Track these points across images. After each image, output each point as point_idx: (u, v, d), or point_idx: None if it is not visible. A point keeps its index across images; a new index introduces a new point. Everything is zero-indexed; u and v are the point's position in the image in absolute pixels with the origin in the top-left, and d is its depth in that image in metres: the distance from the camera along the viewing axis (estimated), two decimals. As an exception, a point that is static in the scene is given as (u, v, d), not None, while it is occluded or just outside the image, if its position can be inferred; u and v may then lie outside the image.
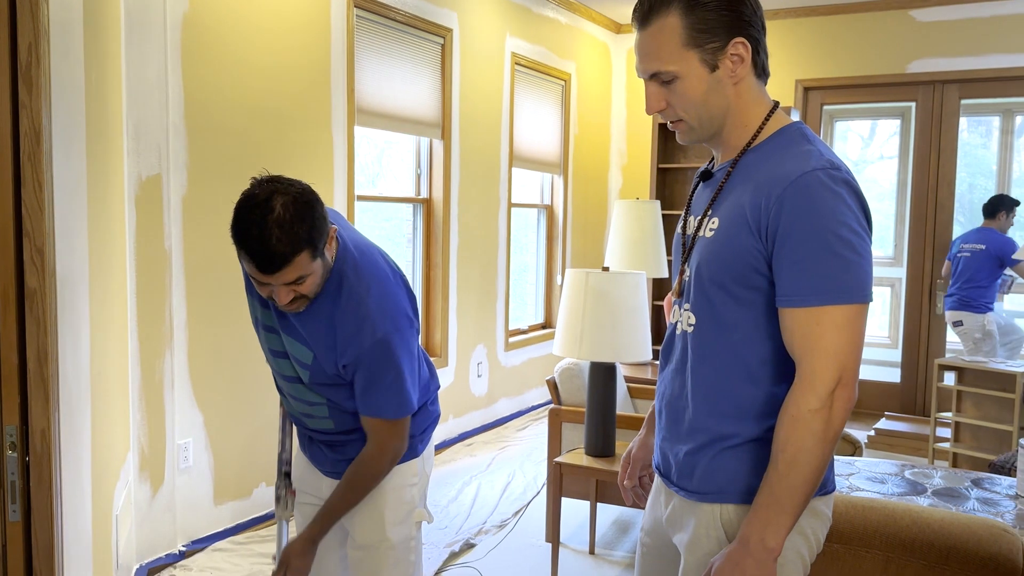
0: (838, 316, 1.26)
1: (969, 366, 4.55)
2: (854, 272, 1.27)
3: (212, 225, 3.47)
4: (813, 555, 1.42)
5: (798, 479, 1.27)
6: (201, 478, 3.49)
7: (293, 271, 1.60)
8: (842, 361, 1.27)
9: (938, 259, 6.04)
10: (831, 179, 1.28)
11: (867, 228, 1.31)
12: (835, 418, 1.27)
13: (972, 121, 7.25)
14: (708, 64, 1.35)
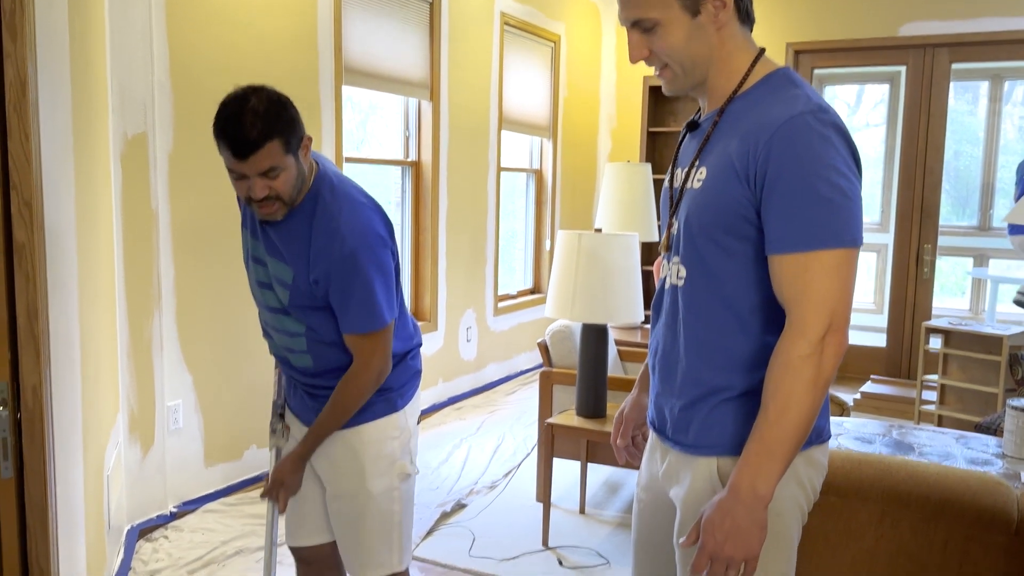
0: (828, 261, 1.25)
1: (955, 329, 4.58)
2: (843, 216, 1.25)
3: (199, 185, 3.42)
4: (810, 504, 1.43)
5: (789, 426, 1.26)
6: (191, 440, 3.48)
7: (266, 158, 1.67)
8: (832, 306, 1.26)
9: (926, 224, 6.06)
10: (819, 122, 1.26)
11: (856, 171, 1.30)
12: (826, 364, 1.26)
13: (959, 88, 7.24)
14: (689, 9, 1.33)
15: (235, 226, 3.58)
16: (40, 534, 1.80)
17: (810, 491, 1.42)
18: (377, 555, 1.93)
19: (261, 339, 3.76)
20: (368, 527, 1.92)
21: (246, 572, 2.98)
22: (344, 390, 1.84)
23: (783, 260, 1.28)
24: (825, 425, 1.43)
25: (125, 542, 3.10)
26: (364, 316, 1.80)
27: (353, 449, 1.91)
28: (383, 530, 1.93)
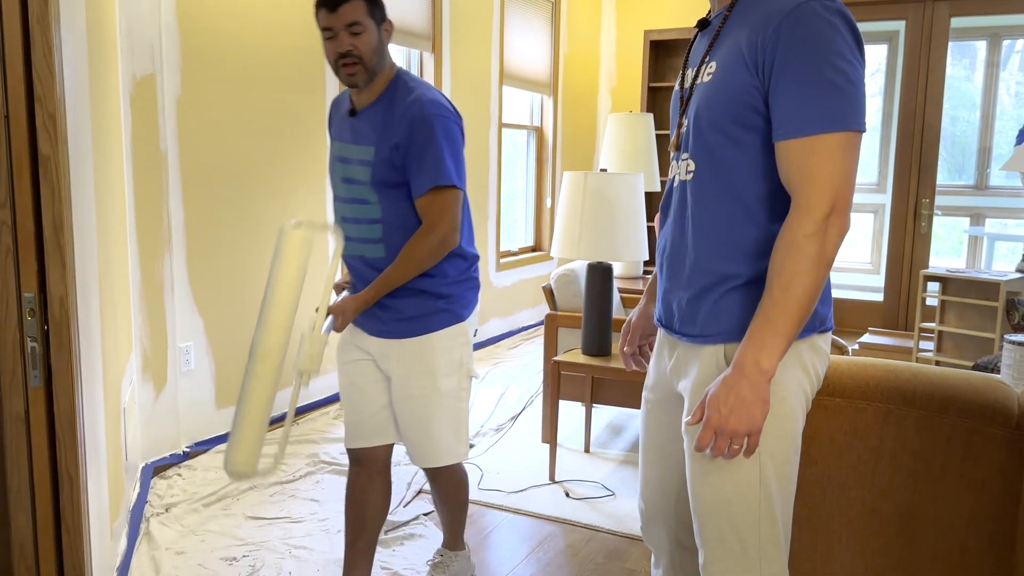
0: (833, 144, 1.29)
1: (953, 276, 4.64)
2: (849, 100, 1.29)
3: (207, 127, 3.44)
4: (814, 389, 1.48)
5: (792, 302, 1.30)
6: (203, 382, 3.53)
7: (351, 12, 1.93)
8: (836, 188, 1.30)
9: (924, 179, 6.10)
10: (825, 9, 1.30)
11: (860, 57, 1.33)
12: (829, 243, 1.30)
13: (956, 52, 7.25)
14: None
15: (244, 170, 3.61)
16: (69, 441, 1.85)
17: (814, 377, 1.47)
18: (447, 446, 2.16)
19: (269, 285, 3.80)
20: (440, 422, 2.13)
21: (259, 505, 3.05)
22: (412, 247, 2.01)
23: (790, 145, 1.32)
24: (828, 313, 1.47)
25: (141, 478, 3.16)
26: (434, 172, 1.98)
27: (426, 354, 2.10)
28: (452, 424, 2.15)
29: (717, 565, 1.44)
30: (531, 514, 3.02)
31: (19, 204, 1.75)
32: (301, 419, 3.99)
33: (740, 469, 1.40)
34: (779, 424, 1.42)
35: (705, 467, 1.43)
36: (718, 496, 1.41)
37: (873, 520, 1.82)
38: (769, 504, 1.41)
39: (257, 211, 3.70)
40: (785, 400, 1.42)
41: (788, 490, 1.45)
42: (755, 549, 1.41)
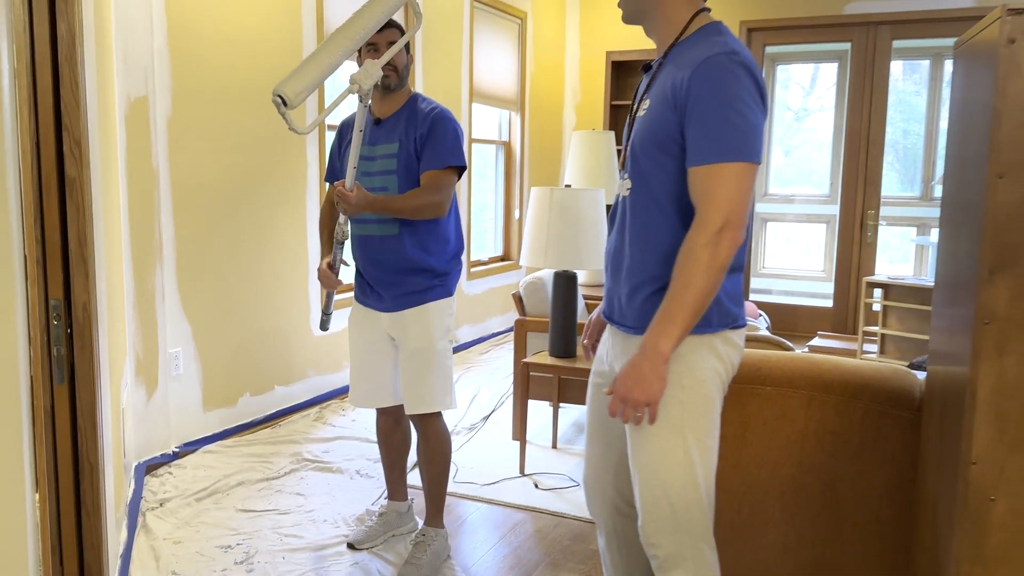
0: (729, 171, 1.58)
1: (894, 283, 4.99)
2: (745, 136, 1.58)
3: (195, 146, 3.65)
4: (729, 375, 1.77)
5: (688, 299, 1.59)
6: (191, 386, 3.73)
7: (392, 34, 2.57)
8: (730, 208, 1.58)
9: (869, 191, 6.47)
10: (731, 62, 1.59)
11: (759, 102, 1.61)
12: (720, 252, 1.59)
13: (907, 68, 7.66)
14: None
15: (229, 186, 3.83)
16: (90, 433, 2.06)
17: (728, 364, 1.75)
18: (439, 395, 2.66)
19: (255, 293, 4.02)
20: (434, 375, 2.65)
21: (248, 499, 3.26)
22: (418, 194, 2.52)
23: (697, 171, 1.62)
24: (740, 312, 1.77)
25: (134, 475, 3.35)
26: (447, 156, 2.55)
27: (425, 319, 2.65)
28: (442, 378, 2.67)
29: (652, 525, 1.72)
30: (503, 503, 3.27)
31: (47, 220, 1.97)
32: (284, 421, 4.20)
33: (668, 442, 1.69)
34: (699, 403, 1.70)
35: (639, 441, 1.72)
36: (651, 465, 1.70)
37: (802, 494, 2.10)
38: (693, 471, 1.70)
39: (241, 224, 3.92)
40: (704, 383, 1.70)
41: (709, 460, 1.73)
42: (683, 511, 1.69)
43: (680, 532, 1.71)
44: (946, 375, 1.62)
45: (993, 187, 1.36)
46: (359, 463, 3.66)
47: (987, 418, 1.41)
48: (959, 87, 1.65)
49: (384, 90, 2.60)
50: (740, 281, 1.77)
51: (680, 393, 1.69)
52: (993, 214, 1.36)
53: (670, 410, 1.69)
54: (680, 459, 1.69)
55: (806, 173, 7.12)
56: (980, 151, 1.42)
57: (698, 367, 1.70)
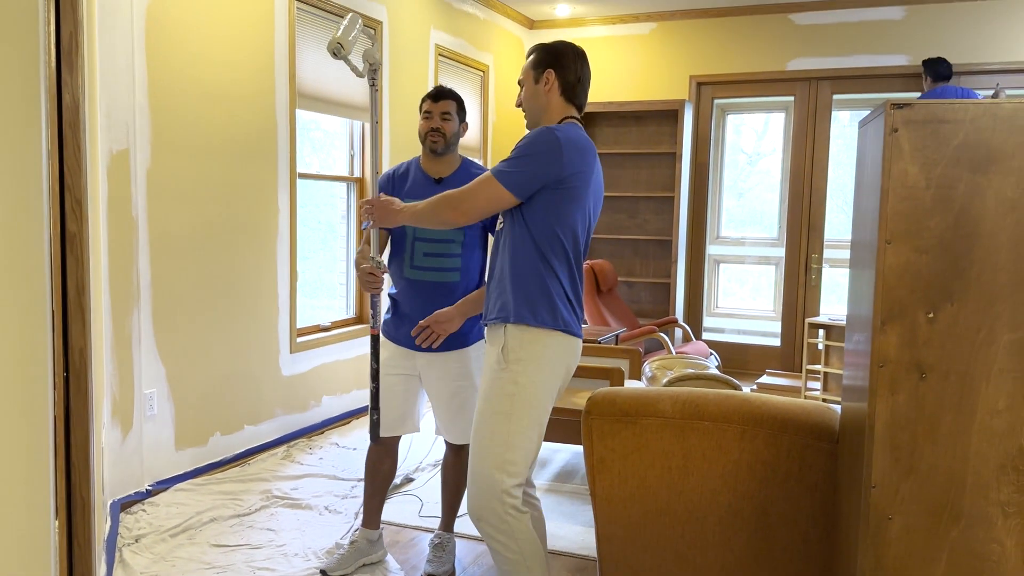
0: (491, 182, 2.26)
1: (834, 324, 5.30)
2: (512, 169, 2.23)
3: (172, 196, 3.83)
4: (560, 376, 2.36)
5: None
6: (164, 425, 3.86)
7: (446, 105, 2.93)
8: (471, 201, 2.28)
9: (813, 236, 6.83)
10: (540, 131, 2.25)
11: (546, 156, 2.21)
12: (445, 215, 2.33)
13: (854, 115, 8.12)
14: (535, 80, 2.40)
15: (206, 234, 4.01)
16: (83, 471, 2.21)
17: (559, 366, 2.33)
18: None
19: (227, 336, 4.18)
20: (472, 409, 3.01)
21: (221, 535, 3.39)
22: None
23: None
24: (571, 321, 2.33)
25: (110, 513, 3.46)
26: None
27: (465, 360, 2.98)
28: None
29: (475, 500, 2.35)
30: (465, 536, 3.44)
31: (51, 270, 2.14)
32: (253, 459, 4.33)
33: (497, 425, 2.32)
34: (526, 396, 2.29)
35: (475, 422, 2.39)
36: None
37: (737, 519, 2.32)
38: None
39: (215, 270, 4.09)
40: (533, 385, 2.30)
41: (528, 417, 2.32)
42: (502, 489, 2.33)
43: (491, 507, 2.29)
44: (854, 410, 1.86)
45: (883, 251, 1.62)
46: (327, 499, 3.81)
47: (883, 448, 1.65)
48: (862, 156, 1.93)
49: (432, 153, 2.94)
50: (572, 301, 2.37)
51: (512, 387, 2.27)
52: (883, 274, 1.62)
53: (502, 400, 2.27)
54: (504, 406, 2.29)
55: (758, 215, 7.47)
56: (873, 217, 1.68)
57: (528, 357, 2.29)
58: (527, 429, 2.29)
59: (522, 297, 2.29)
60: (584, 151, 2.27)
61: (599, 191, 2.40)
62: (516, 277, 2.30)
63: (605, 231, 7.21)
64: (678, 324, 6.13)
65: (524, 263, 2.29)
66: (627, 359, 4.62)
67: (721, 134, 7.36)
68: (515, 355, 2.28)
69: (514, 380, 2.27)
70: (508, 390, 2.27)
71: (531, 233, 2.28)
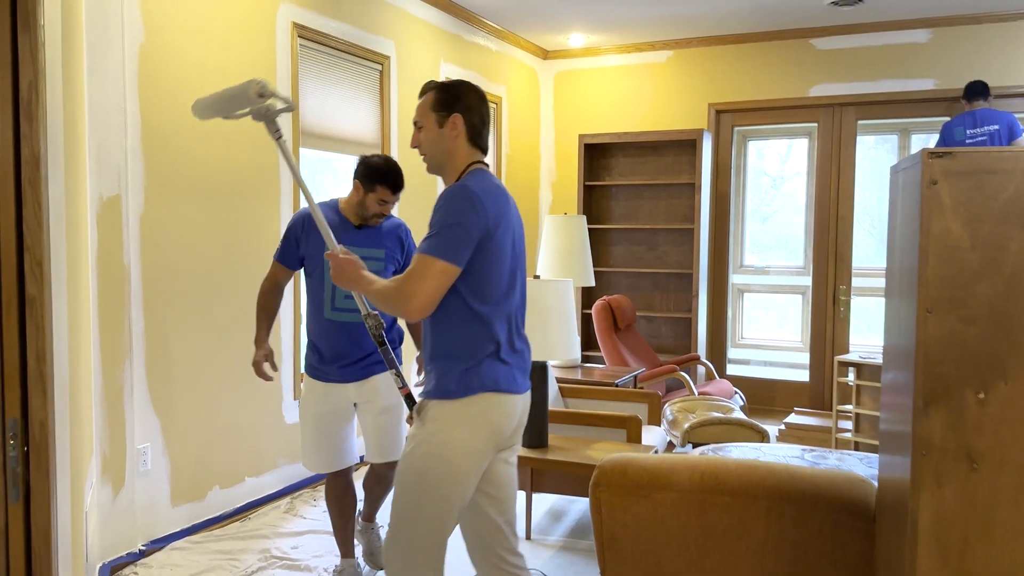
0: (431, 263, 2.10)
1: (865, 362, 5.03)
2: (445, 241, 2.09)
3: (167, 242, 3.69)
4: (483, 435, 2.18)
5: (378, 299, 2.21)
6: (159, 481, 3.69)
7: (398, 196, 3.05)
8: (421, 293, 2.13)
9: (840, 267, 6.57)
10: (455, 192, 2.14)
11: (472, 216, 2.10)
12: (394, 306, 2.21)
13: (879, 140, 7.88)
14: (439, 124, 2.27)
15: (202, 279, 3.85)
16: (44, 555, 2.03)
17: (484, 423, 2.17)
18: (403, 444, 2.94)
19: (225, 385, 4.01)
20: (401, 427, 3.20)
21: (215, 601, 3.20)
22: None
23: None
24: (499, 379, 2.18)
25: (98, 578, 3.28)
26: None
27: (391, 381, 3.14)
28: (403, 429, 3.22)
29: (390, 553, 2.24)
30: None
31: (6, 339, 1.98)
32: (254, 513, 4.15)
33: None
34: (438, 445, 2.17)
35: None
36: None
37: (764, 603, 2.09)
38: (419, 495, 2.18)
39: (211, 316, 3.93)
40: (447, 445, 2.17)
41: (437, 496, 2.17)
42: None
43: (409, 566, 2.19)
44: (894, 486, 1.64)
45: (923, 321, 1.40)
46: (327, 560, 3.61)
47: (929, 548, 1.42)
48: (894, 207, 1.71)
49: (362, 222, 3.07)
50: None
51: (425, 447, 2.16)
52: (924, 348, 1.40)
53: (415, 461, 2.17)
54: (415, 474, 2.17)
55: (783, 239, 7.23)
56: (909, 281, 1.47)
57: (447, 419, 2.17)
58: (440, 488, 2.16)
59: (446, 371, 2.20)
60: (498, 198, 2.20)
61: (518, 221, 2.34)
62: (439, 350, 2.21)
63: (623, 264, 6.99)
64: (700, 362, 5.89)
65: (448, 333, 2.19)
66: (645, 403, 4.40)
67: (742, 161, 7.15)
68: (431, 414, 2.19)
69: (427, 440, 2.17)
70: (422, 450, 2.17)
71: (460, 293, 2.17)
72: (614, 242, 7.01)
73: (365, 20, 4.98)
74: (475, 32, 6.27)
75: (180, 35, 3.72)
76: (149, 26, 3.57)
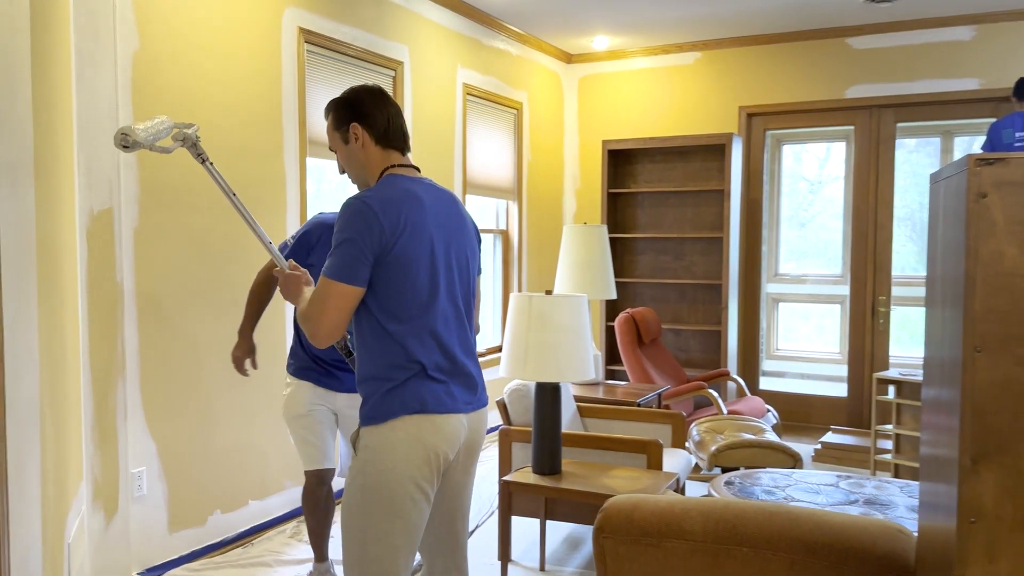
0: (329, 286, 1.99)
1: (906, 379, 4.73)
2: (340, 261, 1.98)
3: (164, 255, 3.54)
4: (416, 443, 2.04)
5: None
6: (155, 506, 3.53)
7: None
8: (323, 318, 2.01)
9: (879, 277, 6.26)
10: (347, 205, 2.02)
11: (365, 229, 1.98)
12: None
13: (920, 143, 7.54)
14: (344, 140, 2.18)
15: (200, 295, 3.70)
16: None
17: (417, 447, 2.04)
18: None
19: (226, 403, 3.85)
20: None
21: (206, 637, 3.02)
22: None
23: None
24: (427, 399, 2.05)
25: (87, 610, 3.13)
26: None
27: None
28: None
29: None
30: None
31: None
32: (258, 538, 3.98)
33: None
34: (372, 474, 2.04)
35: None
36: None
37: (788, 667, 1.84)
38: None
39: (212, 334, 3.77)
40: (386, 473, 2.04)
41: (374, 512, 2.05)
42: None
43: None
44: (935, 552, 1.39)
45: (970, 363, 1.16)
46: (330, 591, 3.42)
47: (980, 635, 1.18)
48: (935, 222, 1.47)
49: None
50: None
51: (362, 479, 2.05)
52: (972, 395, 1.16)
53: (353, 494, 2.06)
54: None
55: (821, 245, 6.94)
56: (953, 313, 1.23)
57: (383, 442, 2.04)
58: (382, 523, 2.04)
59: (369, 395, 2.08)
60: (401, 203, 2.04)
61: (447, 220, 2.15)
62: (362, 373, 2.09)
63: (648, 275, 6.73)
64: (730, 377, 5.61)
65: (367, 355, 2.08)
66: (668, 424, 4.15)
67: (777, 166, 6.86)
68: (363, 442, 2.07)
69: (362, 471, 2.05)
70: (358, 483, 2.05)
71: (371, 311, 2.05)
72: (639, 252, 6.75)
73: (377, 24, 4.81)
74: (495, 36, 6.07)
75: (177, 42, 3.57)
76: (144, 33, 3.42)
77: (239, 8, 3.87)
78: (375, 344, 2.05)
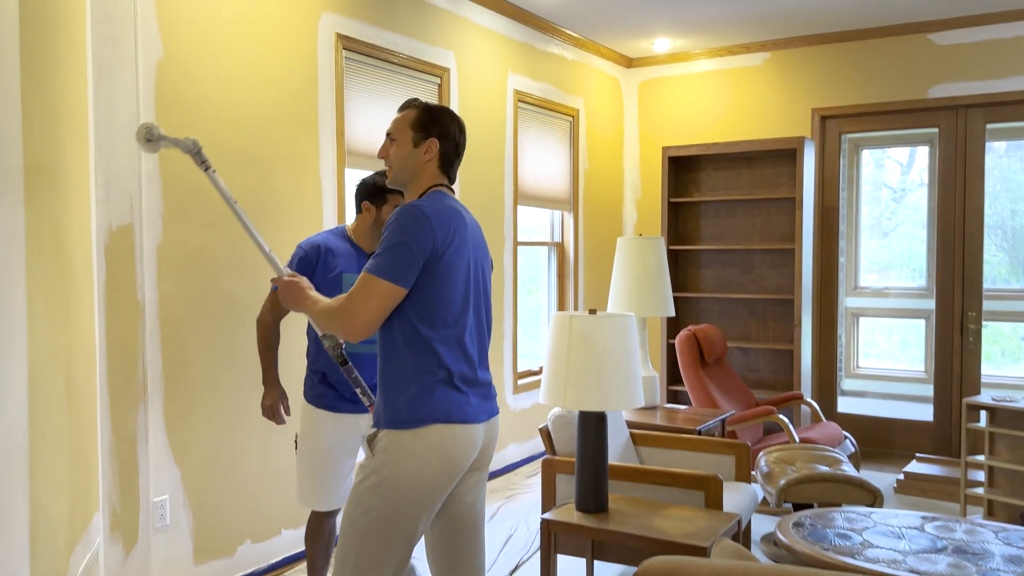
0: (374, 283, 2.05)
1: (1001, 406, 4.26)
2: (390, 261, 2.04)
3: (189, 273, 3.38)
4: (428, 452, 2.09)
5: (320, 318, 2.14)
6: (180, 537, 3.36)
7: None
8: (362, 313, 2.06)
9: (968, 290, 5.75)
10: (403, 212, 2.09)
11: (419, 236, 2.06)
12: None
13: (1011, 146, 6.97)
14: (415, 143, 2.23)
15: (226, 313, 3.52)
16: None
17: (437, 456, 2.09)
18: None
19: (255, 428, 3.66)
20: None
21: None
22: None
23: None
24: (452, 409, 2.11)
25: (101, 649, 2.96)
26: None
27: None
28: None
29: None
30: None
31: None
32: (291, 569, 3.77)
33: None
34: (388, 476, 2.09)
35: None
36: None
37: None
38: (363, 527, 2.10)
39: (241, 354, 3.59)
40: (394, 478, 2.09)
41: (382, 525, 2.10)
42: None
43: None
44: None
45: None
46: (357, 633, 3.18)
47: None
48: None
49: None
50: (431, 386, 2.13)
51: (375, 478, 2.08)
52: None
53: (363, 496, 2.08)
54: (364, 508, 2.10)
55: (905, 256, 6.46)
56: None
57: (401, 449, 2.09)
58: (386, 522, 2.08)
59: (393, 399, 2.12)
60: (450, 217, 2.14)
61: (481, 246, 2.30)
62: (386, 377, 2.14)
63: (712, 289, 6.33)
64: (803, 401, 5.19)
65: (395, 359, 2.13)
66: (732, 455, 3.79)
67: (855, 172, 6.40)
68: (382, 444, 2.11)
69: (377, 472, 2.09)
70: (370, 482, 2.09)
71: (407, 315, 2.10)
72: (703, 264, 6.36)
73: (420, 30, 4.61)
74: (549, 41, 5.82)
75: (205, 49, 3.42)
76: (168, 40, 3.28)
77: (271, 15, 3.71)
78: (405, 348, 2.10)
